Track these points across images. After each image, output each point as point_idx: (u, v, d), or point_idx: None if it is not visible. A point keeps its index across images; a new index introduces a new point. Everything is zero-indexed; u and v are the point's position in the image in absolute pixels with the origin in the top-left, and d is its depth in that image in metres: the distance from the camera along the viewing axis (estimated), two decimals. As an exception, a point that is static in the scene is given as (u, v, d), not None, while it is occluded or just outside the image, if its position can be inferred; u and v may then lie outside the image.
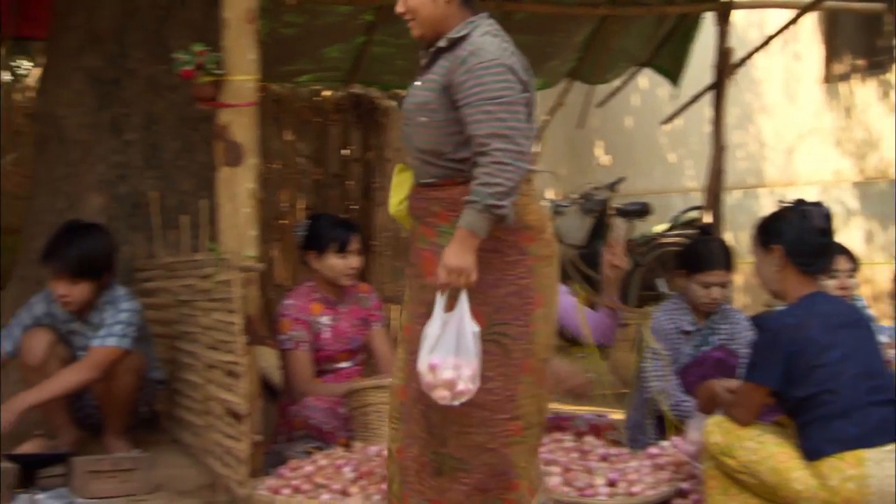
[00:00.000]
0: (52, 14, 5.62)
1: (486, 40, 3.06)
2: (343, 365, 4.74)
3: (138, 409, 4.66)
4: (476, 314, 3.02)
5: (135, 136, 5.31)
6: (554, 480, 3.80)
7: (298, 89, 7.71)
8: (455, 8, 3.15)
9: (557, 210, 8.39)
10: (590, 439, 4.28)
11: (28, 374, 4.53)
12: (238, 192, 4.12)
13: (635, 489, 3.75)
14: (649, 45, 7.36)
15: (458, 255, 2.98)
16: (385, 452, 3.87)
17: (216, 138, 4.18)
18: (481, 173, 2.96)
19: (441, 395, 2.98)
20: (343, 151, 7.86)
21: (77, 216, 5.14)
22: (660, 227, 8.80)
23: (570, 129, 9.86)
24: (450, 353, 2.97)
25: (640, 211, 8.65)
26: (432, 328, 3.01)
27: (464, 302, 3.00)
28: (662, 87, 8.91)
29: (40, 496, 3.98)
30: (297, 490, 3.66)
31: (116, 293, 4.54)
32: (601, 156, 12.23)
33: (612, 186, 8.41)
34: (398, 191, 3.34)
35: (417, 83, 3.22)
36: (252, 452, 3.86)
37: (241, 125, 4.13)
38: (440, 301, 3.03)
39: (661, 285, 7.96)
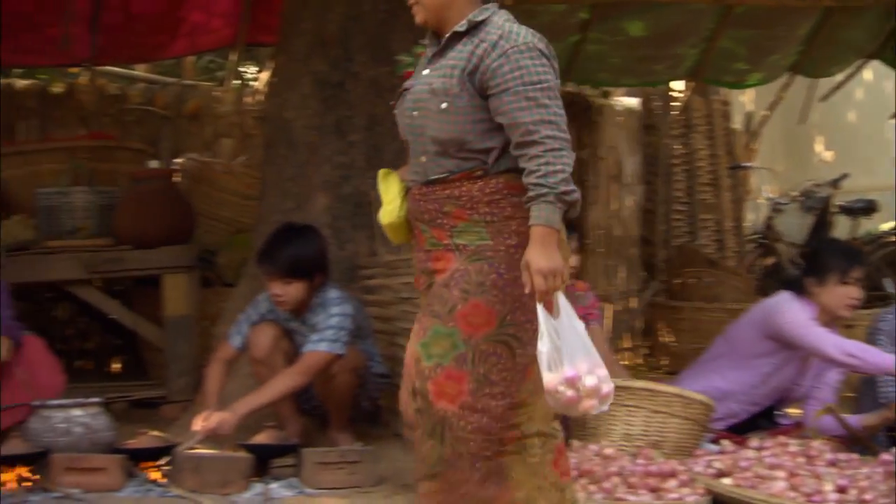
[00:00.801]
0: (281, 20, 5.84)
1: (514, 26, 2.90)
2: (562, 364, 4.73)
3: (360, 403, 4.78)
4: (489, 313, 2.86)
5: (358, 137, 5.46)
6: (779, 485, 3.69)
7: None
8: None
9: (777, 207, 8.15)
10: (817, 444, 4.14)
11: (255, 367, 4.72)
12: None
13: (867, 497, 3.60)
14: (878, 36, 7.06)
15: (545, 256, 2.76)
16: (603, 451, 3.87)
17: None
18: (539, 164, 2.77)
19: (590, 406, 2.77)
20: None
21: (303, 216, 5.34)
22: (887, 226, 8.45)
23: (788, 124, 9.55)
24: (580, 358, 2.75)
25: (866, 208, 8.31)
26: (544, 343, 2.76)
27: (563, 303, 2.80)
28: (889, 79, 8.55)
29: (273, 485, 4.15)
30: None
31: (328, 295, 4.64)
32: (822, 151, 11.82)
33: (834, 183, 8.11)
34: (390, 197, 3.13)
35: (425, 71, 3.04)
36: (472, 448, 3.89)
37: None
38: (541, 312, 2.78)
39: (889, 285, 7.62)
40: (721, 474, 3.94)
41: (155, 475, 4.24)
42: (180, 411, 5.54)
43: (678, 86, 8.32)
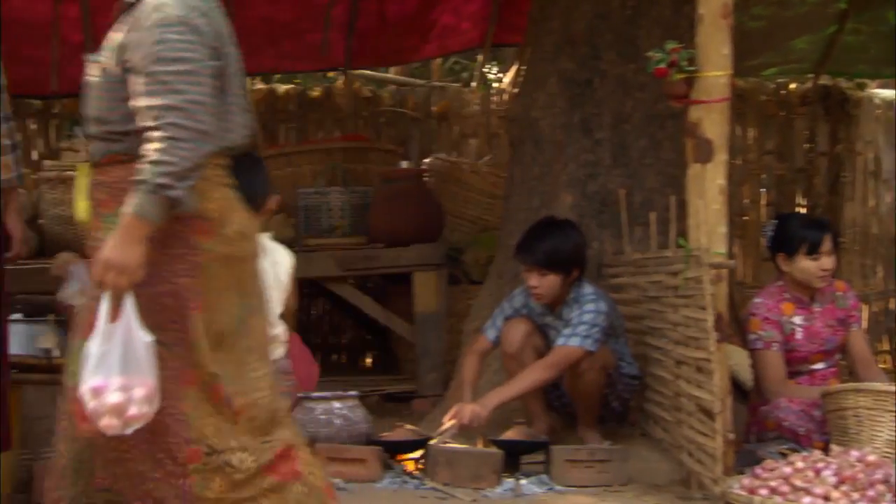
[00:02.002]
0: (528, 20, 5.90)
1: None
2: (817, 366, 4.58)
3: (610, 403, 4.77)
4: None
5: (604, 135, 5.44)
6: None
7: (763, 83, 7.56)
8: None
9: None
10: None
11: (506, 362, 4.79)
12: (708, 188, 4.10)
13: None
14: None
15: (118, 248, 2.45)
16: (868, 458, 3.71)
17: (687, 135, 4.19)
18: (152, 150, 2.46)
19: (108, 424, 2.45)
20: (808, 145, 7.62)
21: (549, 214, 5.37)
22: None
23: None
24: (115, 371, 2.44)
25: None
26: (94, 343, 2.47)
27: (129, 307, 2.48)
28: None
29: (523, 481, 4.20)
30: (774, 492, 3.58)
31: (584, 291, 4.65)
32: None
33: None
34: (81, 191, 2.88)
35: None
36: (725, 450, 3.83)
37: (712, 122, 4.10)
38: (103, 308, 2.48)
39: None
40: None
41: (410, 468, 4.36)
42: (431, 406, 5.68)
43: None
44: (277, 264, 4.16)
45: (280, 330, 4.02)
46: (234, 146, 2.70)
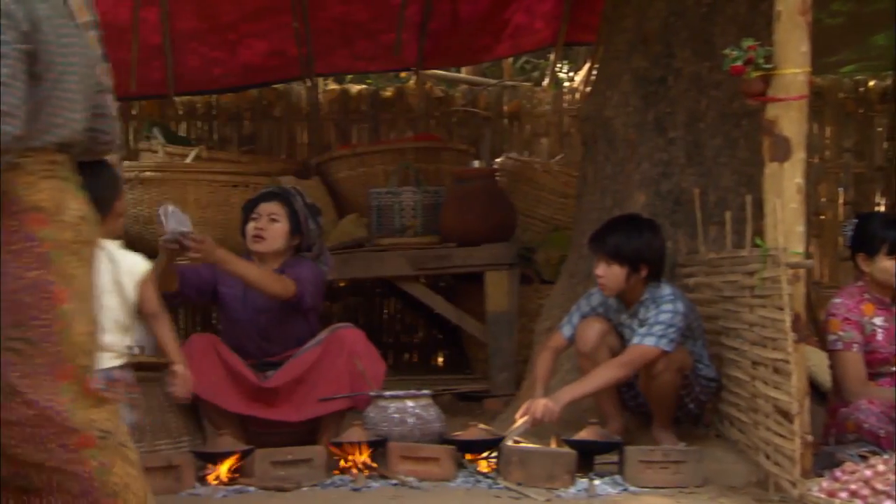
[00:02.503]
0: (602, 19, 5.88)
1: None
2: (898, 368, 4.51)
3: (686, 404, 4.73)
4: None
5: (678, 133, 5.40)
6: None
7: (841, 80, 7.45)
8: None
9: None
10: None
11: (580, 361, 4.77)
12: (785, 187, 4.05)
13: None
14: None
15: None
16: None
17: (763, 133, 4.14)
18: None
19: None
20: (887, 143, 7.50)
21: (623, 213, 5.34)
22: None
23: None
24: None
25: None
26: None
27: None
28: None
29: (597, 482, 4.18)
30: (854, 495, 3.52)
31: (661, 291, 4.62)
32: None
33: None
34: None
35: None
36: (803, 452, 3.78)
37: (789, 119, 4.04)
38: None
39: None
40: None
41: (483, 467, 4.36)
42: (502, 406, 5.69)
43: None
44: (129, 273, 3.96)
45: (114, 339, 3.86)
46: (66, 143, 2.60)
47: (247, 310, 4.83)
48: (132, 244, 5.88)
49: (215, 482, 4.17)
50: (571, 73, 11.02)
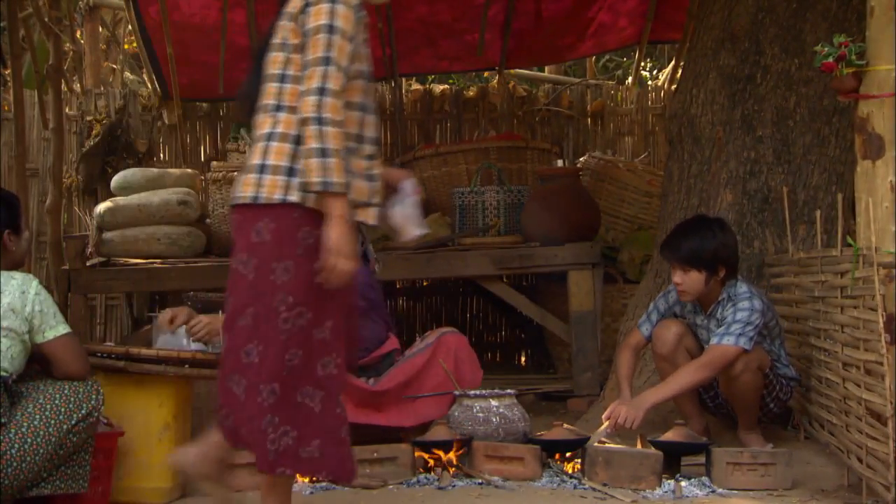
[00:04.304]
0: (688, 16, 5.83)
1: None
2: None
3: (768, 404, 4.67)
4: None
5: (766, 131, 5.34)
6: None
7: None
8: None
9: None
10: None
11: (658, 363, 4.74)
12: (878, 185, 3.97)
13: None
14: None
15: None
16: None
17: (856, 131, 4.07)
18: None
19: None
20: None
21: (708, 212, 5.29)
22: None
23: None
24: None
25: None
26: None
27: None
28: None
29: (684, 483, 4.14)
30: (950, 500, 3.45)
31: (738, 290, 4.57)
32: None
33: None
34: None
35: None
36: (898, 456, 3.70)
37: (882, 117, 3.97)
38: None
39: None
40: None
41: (569, 467, 4.35)
42: (586, 405, 5.67)
43: None
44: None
45: None
46: None
47: None
48: (220, 243, 6.03)
49: (303, 479, 4.21)
50: (655, 71, 10.93)
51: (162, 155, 7.65)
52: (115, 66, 10.90)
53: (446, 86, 8.26)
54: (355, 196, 3.17)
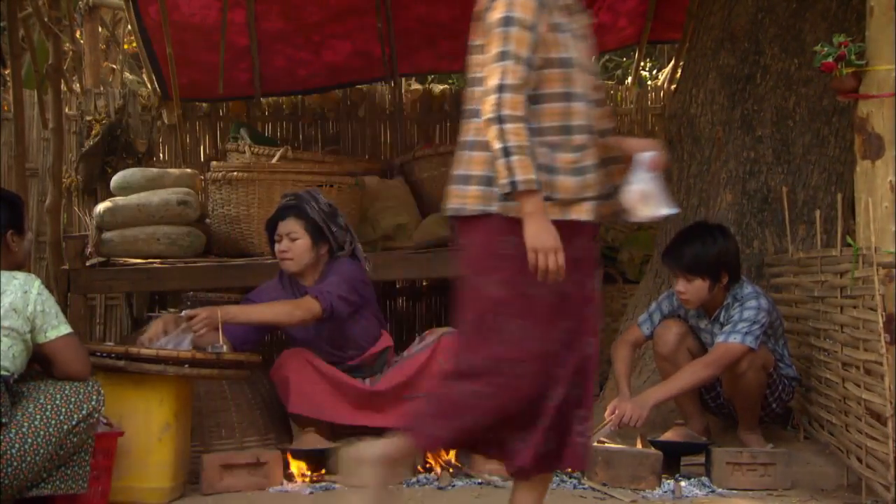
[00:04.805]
0: (687, 16, 5.83)
1: None
2: None
3: (770, 404, 4.67)
4: None
5: (765, 131, 5.34)
6: None
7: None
8: None
9: None
10: None
11: (659, 363, 4.74)
12: (877, 185, 3.99)
13: None
14: None
15: None
16: None
17: (855, 131, 4.08)
18: None
19: None
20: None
21: (707, 212, 5.30)
22: None
23: None
24: None
25: None
26: None
27: None
28: None
29: (683, 483, 4.14)
30: (949, 500, 3.46)
31: (744, 291, 4.58)
32: None
33: None
34: None
35: None
36: (896, 456, 3.71)
37: (882, 117, 3.98)
38: None
39: None
40: None
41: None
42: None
43: None
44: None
45: None
46: None
47: (307, 328, 4.76)
48: (219, 243, 6.02)
49: (302, 479, 4.21)
50: (655, 71, 10.93)
51: (161, 155, 7.64)
52: (114, 66, 10.90)
53: (446, 86, 8.25)
54: (561, 194, 3.00)
